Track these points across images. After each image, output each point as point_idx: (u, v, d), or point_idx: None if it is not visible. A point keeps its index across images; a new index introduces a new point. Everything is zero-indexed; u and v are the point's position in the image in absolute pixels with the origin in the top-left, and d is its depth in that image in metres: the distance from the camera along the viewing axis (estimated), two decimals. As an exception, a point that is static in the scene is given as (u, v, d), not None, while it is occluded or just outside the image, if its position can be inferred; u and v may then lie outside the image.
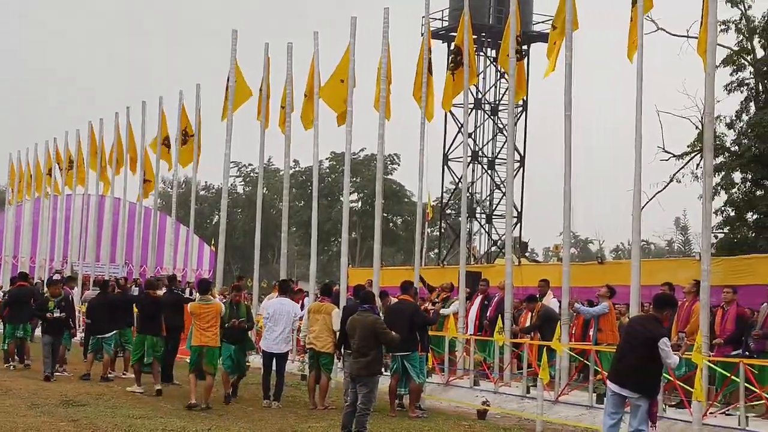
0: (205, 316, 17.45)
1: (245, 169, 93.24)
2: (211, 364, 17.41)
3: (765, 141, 34.29)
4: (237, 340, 18.23)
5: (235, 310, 18.26)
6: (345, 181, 26.91)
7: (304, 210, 76.20)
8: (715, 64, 17.90)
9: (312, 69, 26.90)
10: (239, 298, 18.76)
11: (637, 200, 18.57)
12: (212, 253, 47.03)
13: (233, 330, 18.04)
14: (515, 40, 22.66)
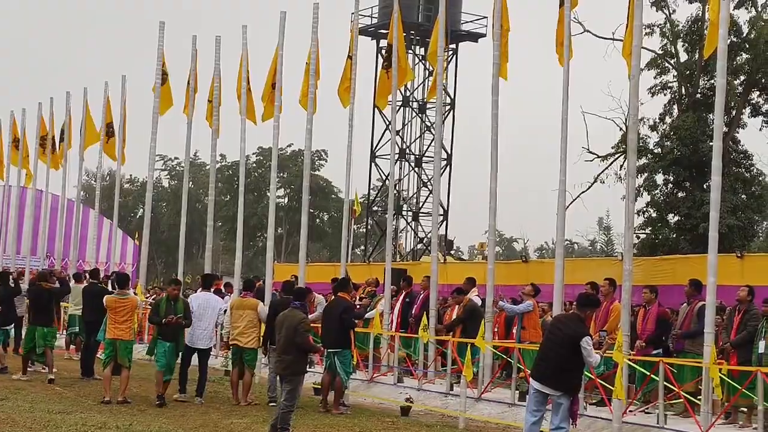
0: (121, 310, 17.31)
1: (171, 162, 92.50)
2: (125, 357, 17.22)
3: (687, 144, 34.84)
4: (173, 338, 17.37)
5: (172, 306, 17.34)
6: (272, 176, 26.92)
7: (230, 205, 75.94)
8: (639, 67, 18.13)
9: (242, 61, 26.84)
10: (177, 293, 17.83)
11: (562, 200, 18.74)
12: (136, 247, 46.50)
13: (170, 327, 17.22)
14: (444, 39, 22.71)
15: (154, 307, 17.98)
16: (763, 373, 14.49)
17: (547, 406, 12.78)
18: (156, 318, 17.35)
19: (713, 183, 15.90)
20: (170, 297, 17.55)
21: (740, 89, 36.86)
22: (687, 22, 37.33)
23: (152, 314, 17.74)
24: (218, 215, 74.46)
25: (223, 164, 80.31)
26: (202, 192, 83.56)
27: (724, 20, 16.14)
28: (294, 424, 14.36)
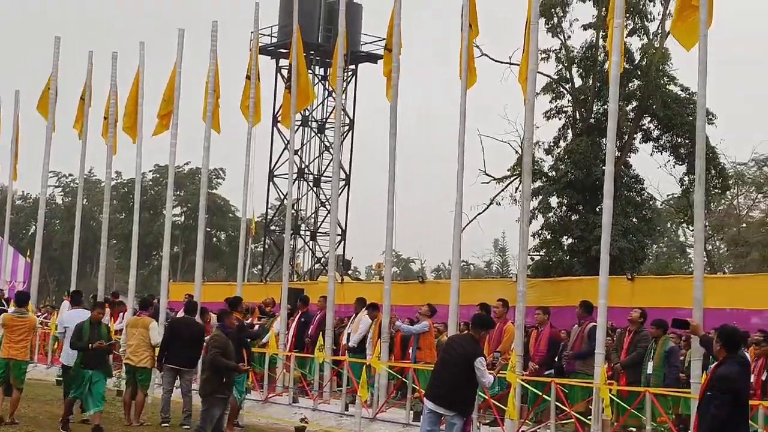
0: (18, 329, 16.80)
1: (65, 179, 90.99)
2: (19, 378, 16.77)
3: (581, 167, 35.36)
4: (96, 365, 16.21)
5: (96, 331, 16.27)
6: (168, 194, 26.61)
7: (125, 222, 74.88)
8: (535, 92, 18.38)
9: (137, 79, 26.53)
10: (101, 316, 16.83)
11: (458, 221, 18.86)
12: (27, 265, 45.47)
13: (94, 353, 16.06)
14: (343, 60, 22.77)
15: (76, 332, 16.51)
16: (652, 394, 14.79)
17: (440, 425, 12.85)
18: (80, 344, 16.18)
19: (605, 206, 16.18)
20: (93, 321, 16.41)
21: (632, 115, 37.58)
22: (582, 48, 37.95)
23: (75, 339, 16.46)
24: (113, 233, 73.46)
25: (118, 181, 79.24)
26: (97, 209, 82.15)
27: (617, 47, 16.50)
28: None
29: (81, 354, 16.15)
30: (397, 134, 20.02)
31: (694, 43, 15.40)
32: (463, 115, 18.54)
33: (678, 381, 16.07)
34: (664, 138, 38.02)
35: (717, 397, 9.57)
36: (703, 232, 16.31)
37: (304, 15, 35.50)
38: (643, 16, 37.35)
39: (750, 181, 55.36)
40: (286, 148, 46.36)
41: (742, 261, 52.72)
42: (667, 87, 37.37)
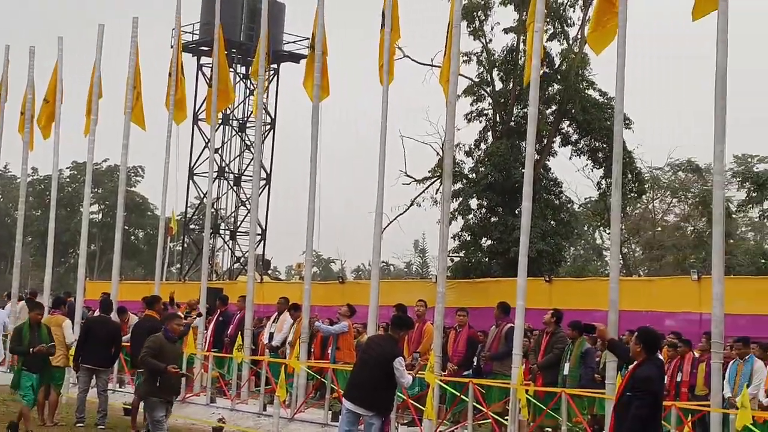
0: None
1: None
2: None
3: (500, 170, 35.56)
4: (39, 368, 15.71)
5: (36, 333, 15.78)
6: (86, 192, 26.30)
7: (41, 219, 73.64)
8: (456, 94, 18.47)
9: (55, 74, 26.16)
10: (40, 318, 16.29)
11: (379, 222, 18.89)
12: (-61, 262, 44.71)
13: (36, 357, 15.57)
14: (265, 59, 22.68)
15: (15, 335, 16.04)
16: (568, 395, 14.96)
17: (359, 426, 12.86)
18: (20, 348, 15.70)
19: (524, 209, 16.32)
20: (32, 323, 15.83)
21: (551, 119, 37.87)
22: (503, 51, 38.14)
23: (15, 343, 15.98)
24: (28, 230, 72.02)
25: (35, 177, 77.97)
26: (12, 206, 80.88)
27: (537, 52, 16.64)
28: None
29: (22, 358, 15.58)
30: (319, 134, 20.02)
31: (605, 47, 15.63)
32: (384, 117, 18.57)
33: (593, 382, 16.26)
34: (582, 142, 38.38)
35: (638, 398, 9.69)
36: (619, 236, 16.54)
37: (227, 13, 35.30)
38: (563, 21, 37.67)
39: (665, 185, 56.26)
40: (206, 146, 46.05)
41: (656, 264, 53.59)
42: (585, 92, 37.73)
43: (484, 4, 37.80)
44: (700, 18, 14.28)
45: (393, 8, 18.69)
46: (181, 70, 25.23)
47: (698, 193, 52.37)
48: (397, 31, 18.88)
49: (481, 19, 37.94)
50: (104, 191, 79.49)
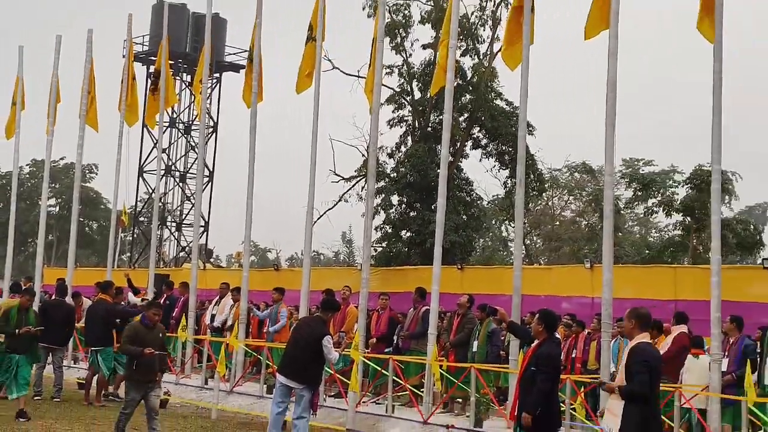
0: None
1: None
2: None
3: (418, 170, 35.68)
4: (24, 349, 14.87)
5: (24, 316, 15.03)
6: (44, 187, 26.02)
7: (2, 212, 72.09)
8: (379, 102, 18.52)
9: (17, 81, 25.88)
10: (29, 303, 15.46)
11: (310, 216, 18.86)
12: None
13: (21, 338, 14.78)
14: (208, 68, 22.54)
15: (3, 316, 15.05)
16: (476, 369, 15.06)
17: (291, 398, 12.82)
18: (8, 328, 14.88)
19: (439, 205, 16.41)
20: (21, 307, 15.09)
21: (464, 125, 38.10)
22: (421, 65, 38.30)
23: (3, 324, 14.99)
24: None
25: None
26: (-26, 199, 79.28)
27: (451, 66, 16.74)
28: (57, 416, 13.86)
29: (7, 339, 14.86)
30: (256, 136, 19.93)
31: (518, 63, 15.78)
32: (315, 122, 18.54)
33: (499, 358, 16.41)
34: (490, 146, 38.68)
35: (541, 372, 9.76)
36: (522, 229, 16.69)
37: (173, 26, 34.97)
38: (474, 38, 37.90)
39: (563, 185, 56.86)
40: (155, 146, 45.57)
41: (555, 254, 54.16)
42: (494, 101, 38.04)
43: (404, 23, 37.90)
44: (592, 38, 14.47)
45: (322, 22, 18.67)
46: (132, 77, 25.03)
47: (591, 191, 53.05)
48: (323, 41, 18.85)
49: (402, 36, 38.04)
50: (61, 186, 78.11)
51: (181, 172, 50.08)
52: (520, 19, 15.72)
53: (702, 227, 35.83)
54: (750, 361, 13.13)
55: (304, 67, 18.99)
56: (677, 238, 41.26)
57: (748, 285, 18.42)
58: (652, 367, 9.06)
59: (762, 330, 13.85)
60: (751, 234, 37.55)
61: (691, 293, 18.39)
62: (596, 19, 14.44)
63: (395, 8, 37.45)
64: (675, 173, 44.68)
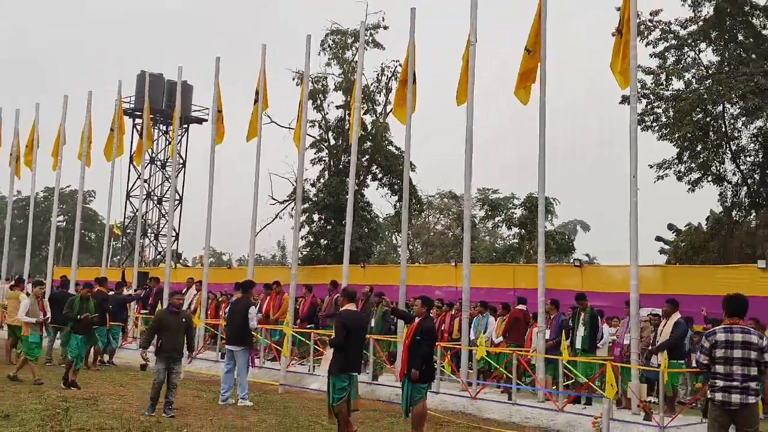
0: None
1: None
2: None
3: (333, 195, 35.70)
4: (84, 331, 14.02)
5: (84, 305, 14.17)
6: (54, 207, 25.30)
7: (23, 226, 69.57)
8: (305, 147, 18.49)
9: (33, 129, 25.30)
10: (89, 294, 14.56)
11: (254, 228, 18.71)
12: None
13: (82, 322, 13.96)
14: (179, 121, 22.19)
15: (68, 304, 14.25)
16: (374, 339, 15.08)
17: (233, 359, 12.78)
18: (71, 314, 14.10)
19: (347, 220, 16.47)
20: (83, 297, 14.29)
21: (366, 163, 38.28)
22: (335, 120, 38.37)
23: (67, 311, 14.18)
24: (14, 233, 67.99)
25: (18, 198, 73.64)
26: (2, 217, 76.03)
27: (357, 121, 16.82)
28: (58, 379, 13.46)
29: (71, 323, 13.94)
30: (215, 170, 19.68)
31: (405, 118, 15.96)
32: (257, 161, 18.44)
33: (390, 331, 16.49)
34: (384, 178, 38.87)
35: (426, 341, 9.75)
36: (406, 238, 16.84)
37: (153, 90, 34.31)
38: (373, 102, 38.14)
39: (436, 206, 57.58)
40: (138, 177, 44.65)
41: (430, 256, 54.61)
42: (387, 147, 38.29)
43: (323, 90, 37.90)
44: (462, 104, 14.73)
45: (264, 87, 18.60)
46: (121, 126, 24.57)
47: (455, 211, 53.74)
48: (265, 103, 18.76)
49: (321, 99, 38.02)
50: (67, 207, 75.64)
51: (158, 197, 49.03)
52: (405, 88, 15.92)
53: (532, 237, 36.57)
54: (564, 331, 13.48)
55: (253, 121, 18.87)
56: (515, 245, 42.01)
57: (564, 278, 18.91)
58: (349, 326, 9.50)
59: (573, 309, 14.24)
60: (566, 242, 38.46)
61: (526, 284, 18.79)
62: (462, 91, 14.74)
63: (316, 79, 37.44)
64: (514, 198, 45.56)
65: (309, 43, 17.59)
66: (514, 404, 12.67)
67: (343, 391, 9.36)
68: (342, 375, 9.43)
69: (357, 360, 9.77)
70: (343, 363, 9.45)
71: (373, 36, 37.55)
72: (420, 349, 9.72)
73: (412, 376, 9.70)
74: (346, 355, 9.47)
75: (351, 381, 9.50)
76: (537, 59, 13.73)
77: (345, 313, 9.72)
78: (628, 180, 12.21)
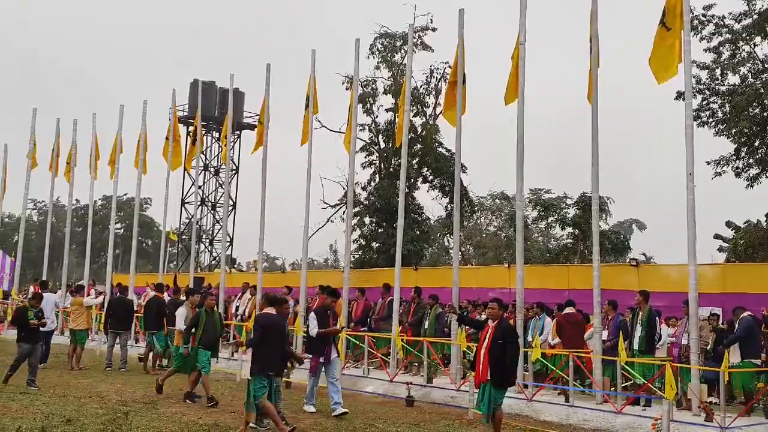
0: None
1: (39, 204, 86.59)
2: None
3: (384, 199, 35.76)
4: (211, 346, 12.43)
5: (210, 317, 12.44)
6: (112, 215, 25.83)
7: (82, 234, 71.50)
8: (355, 151, 18.62)
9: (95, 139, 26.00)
10: (213, 303, 12.69)
11: (306, 232, 18.89)
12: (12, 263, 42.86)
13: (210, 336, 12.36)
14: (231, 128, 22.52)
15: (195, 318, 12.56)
16: (428, 342, 15.08)
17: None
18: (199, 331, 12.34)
19: (399, 223, 16.49)
20: (208, 309, 12.53)
21: (416, 166, 38.26)
22: (385, 123, 38.44)
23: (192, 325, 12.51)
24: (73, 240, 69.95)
25: (77, 206, 75.71)
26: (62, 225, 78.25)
27: (406, 124, 16.86)
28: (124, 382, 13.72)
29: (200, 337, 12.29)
30: (267, 176, 19.93)
31: (455, 121, 15.92)
32: (309, 166, 18.59)
33: (444, 333, 16.45)
34: (435, 181, 38.78)
35: (510, 344, 9.54)
36: (458, 240, 16.79)
37: (205, 97, 34.90)
38: (422, 104, 38.12)
39: (487, 208, 57.23)
40: (193, 184, 45.48)
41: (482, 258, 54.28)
42: (437, 149, 38.21)
43: (372, 94, 38.04)
44: (510, 103, 14.63)
45: (314, 92, 18.77)
46: (176, 135, 25.00)
47: (507, 212, 53.32)
48: (316, 108, 18.93)
49: (370, 103, 38.16)
50: (124, 215, 77.56)
51: (212, 203, 49.82)
52: (454, 90, 15.88)
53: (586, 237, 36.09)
54: (621, 332, 13.27)
55: (304, 127, 19.04)
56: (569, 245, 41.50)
57: (620, 277, 18.61)
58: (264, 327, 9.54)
59: (630, 309, 14.01)
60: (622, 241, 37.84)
61: (581, 284, 18.54)
62: (511, 90, 14.63)
63: (365, 83, 37.60)
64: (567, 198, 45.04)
65: (358, 47, 17.73)
66: (572, 406, 12.52)
67: (263, 390, 9.44)
68: (261, 375, 9.49)
69: (276, 361, 9.73)
70: (262, 364, 9.53)
71: (421, 38, 37.58)
72: (506, 353, 9.48)
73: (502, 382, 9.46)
74: (265, 357, 9.53)
75: (270, 381, 9.58)
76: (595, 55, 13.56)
77: (262, 315, 9.99)
78: (685, 177, 11.97)
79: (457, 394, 13.63)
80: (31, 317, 13.45)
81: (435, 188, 39.01)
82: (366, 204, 37.66)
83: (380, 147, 38.99)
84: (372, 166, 39.27)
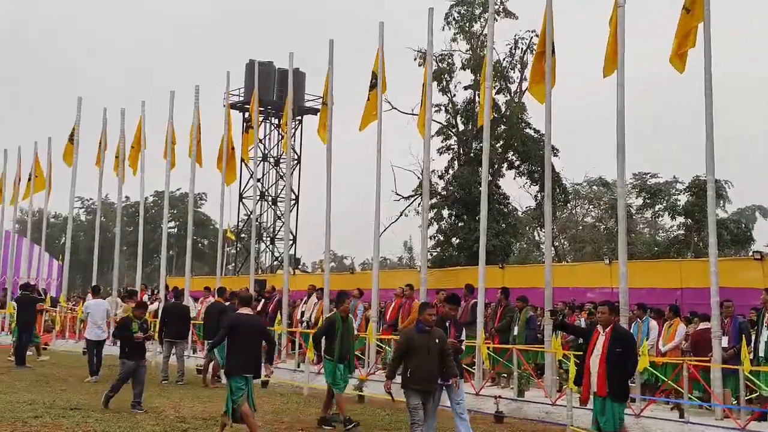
0: None
1: (87, 202, 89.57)
2: None
3: (464, 188, 35.70)
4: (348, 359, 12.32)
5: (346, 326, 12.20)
6: (164, 213, 26.40)
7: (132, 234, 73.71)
8: (430, 135, 18.56)
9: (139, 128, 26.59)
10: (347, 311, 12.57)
11: (377, 228, 18.97)
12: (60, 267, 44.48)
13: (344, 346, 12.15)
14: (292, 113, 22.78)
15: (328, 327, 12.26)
16: (517, 350, 14.97)
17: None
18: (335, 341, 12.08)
19: (482, 216, 16.37)
20: (343, 316, 12.23)
21: (500, 150, 38.00)
22: (463, 103, 38.33)
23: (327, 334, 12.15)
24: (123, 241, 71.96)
25: (127, 203, 78.05)
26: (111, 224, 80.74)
27: (488, 102, 16.72)
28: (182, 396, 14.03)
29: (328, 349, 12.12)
30: (332, 165, 20.08)
31: (543, 97, 15.71)
32: (378, 152, 18.66)
33: (536, 339, 16.29)
34: (522, 166, 38.53)
35: (631, 353, 9.51)
36: (551, 233, 16.59)
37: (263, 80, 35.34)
38: (506, 79, 37.84)
39: (584, 196, 56.33)
40: (251, 177, 46.15)
41: (579, 253, 53.53)
42: (524, 130, 37.87)
43: (449, 69, 37.96)
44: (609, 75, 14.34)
45: (382, 69, 18.79)
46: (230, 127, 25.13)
47: (607, 201, 52.42)
48: (384, 87, 18.91)
49: (447, 80, 38.09)
50: (178, 212, 79.57)
51: (273, 197, 50.56)
52: (543, 61, 15.67)
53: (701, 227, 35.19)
54: (744, 337, 12.88)
55: (369, 108, 19.07)
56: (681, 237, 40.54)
57: (741, 273, 18.09)
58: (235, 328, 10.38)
59: (756, 310, 13.58)
60: (743, 231, 36.83)
61: (695, 282, 18.12)
62: (609, 60, 14.33)
63: (440, 57, 37.52)
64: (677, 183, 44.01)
65: (431, 17, 17.64)
66: (687, 422, 12.25)
67: (241, 391, 10.09)
68: (237, 376, 10.16)
69: (252, 362, 10.33)
70: (238, 365, 10.23)
71: (503, 4, 37.26)
72: (628, 363, 9.44)
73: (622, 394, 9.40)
74: (240, 357, 10.23)
75: (247, 382, 10.18)
76: (698, 18, 13.19)
77: (230, 315, 11.01)
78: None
79: (552, 409, 13.49)
80: (135, 330, 13.04)
81: (522, 175, 38.72)
82: (444, 194, 37.65)
83: (459, 130, 38.90)
84: (450, 152, 39.23)
